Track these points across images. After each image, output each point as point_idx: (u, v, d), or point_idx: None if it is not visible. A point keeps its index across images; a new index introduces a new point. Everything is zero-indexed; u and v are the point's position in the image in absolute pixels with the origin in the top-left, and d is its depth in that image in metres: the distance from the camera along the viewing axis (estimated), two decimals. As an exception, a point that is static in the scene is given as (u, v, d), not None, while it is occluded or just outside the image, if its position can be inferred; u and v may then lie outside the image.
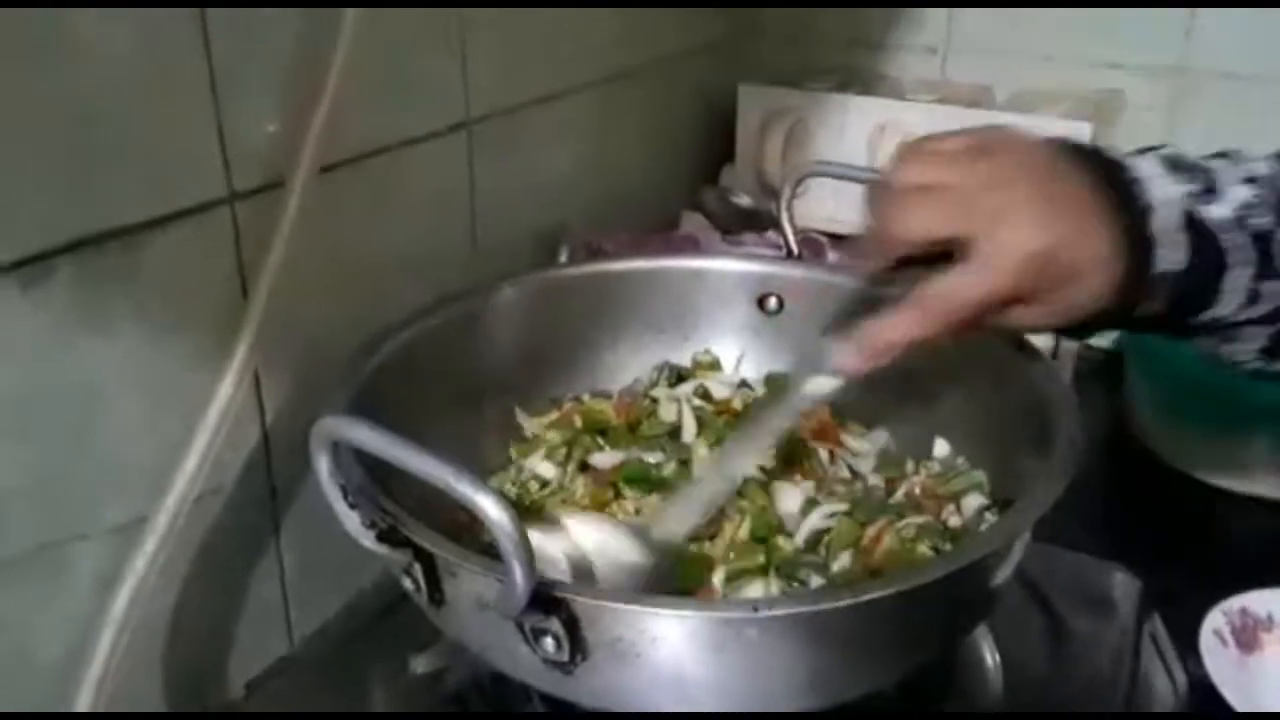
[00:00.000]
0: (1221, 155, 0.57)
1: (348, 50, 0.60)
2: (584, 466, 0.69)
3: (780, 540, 0.62)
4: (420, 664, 0.63)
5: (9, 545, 0.52)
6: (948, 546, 0.61)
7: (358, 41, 0.60)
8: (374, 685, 0.65)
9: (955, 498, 0.65)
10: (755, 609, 0.45)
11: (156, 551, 0.56)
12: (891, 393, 0.70)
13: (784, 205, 0.76)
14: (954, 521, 0.64)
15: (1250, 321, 0.55)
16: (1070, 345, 1.00)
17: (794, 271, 0.76)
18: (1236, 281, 0.54)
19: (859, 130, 1.03)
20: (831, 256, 0.93)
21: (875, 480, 0.69)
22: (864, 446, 0.72)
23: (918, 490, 0.66)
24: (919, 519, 0.63)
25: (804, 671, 0.49)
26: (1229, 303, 0.55)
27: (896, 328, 0.55)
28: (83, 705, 0.54)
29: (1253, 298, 0.55)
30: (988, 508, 0.64)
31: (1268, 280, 0.54)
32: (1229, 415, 0.88)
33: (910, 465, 0.70)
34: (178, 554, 0.59)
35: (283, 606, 0.69)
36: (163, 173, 0.56)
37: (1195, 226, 0.54)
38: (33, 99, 0.49)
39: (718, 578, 0.59)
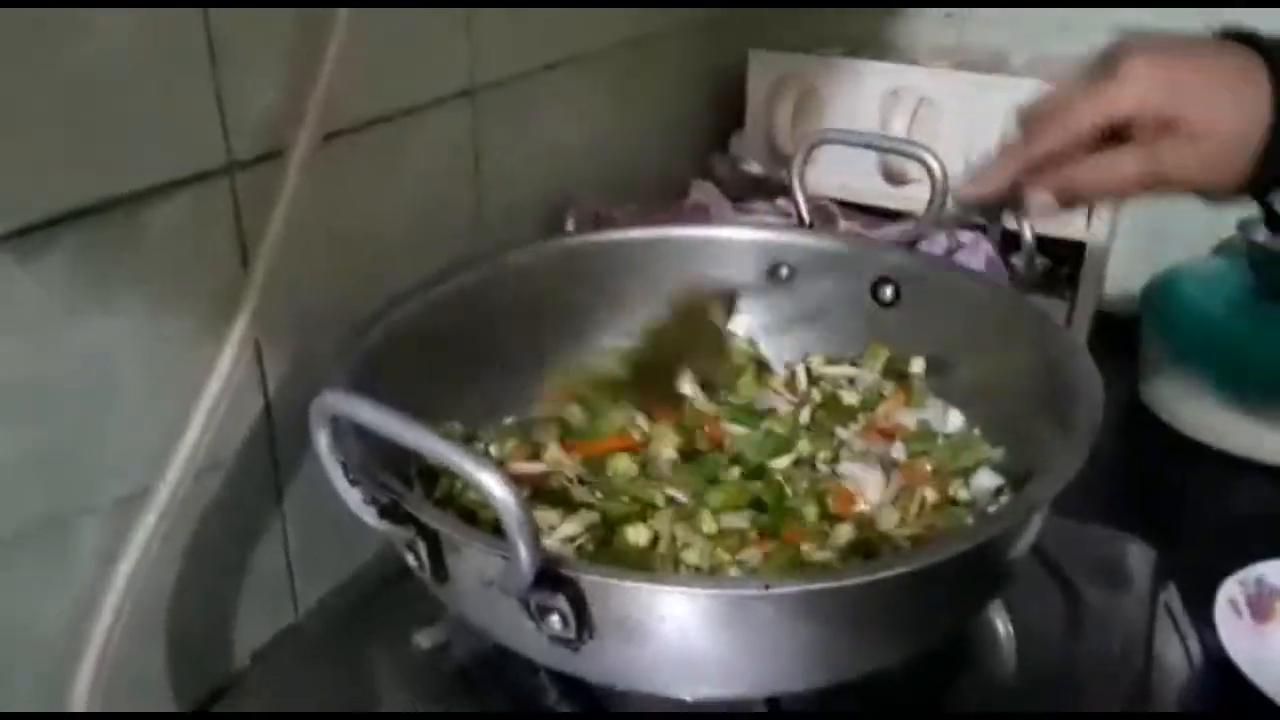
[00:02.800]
0: None
1: (349, 17, 0.59)
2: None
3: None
4: (425, 639, 0.62)
5: (12, 519, 0.52)
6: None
7: (360, 9, 0.59)
8: (379, 656, 0.64)
9: (965, 473, 0.65)
10: (766, 587, 0.45)
11: (159, 524, 0.56)
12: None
13: (795, 173, 0.75)
14: (962, 495, 0.64)
15: None
16: (1085, 313, 0.99)
17: (805, 240, 0.75)
18: None
19: (871, 96, 1.01)
20: (843, 225, 0.92)
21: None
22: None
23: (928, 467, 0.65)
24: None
25: (814, 649, 0.48)
26: None
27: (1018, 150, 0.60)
28: (85, 677, 0.54)
29: None
30: (1001, 489, 0.63)
31: None
32: (1245, 384, 0.88)
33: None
34: (181, 526, 0.59)
35: (287, 577, 0.69)
36: (160, 141, 0.55)
37: None
38: (32, 67, 0.48)
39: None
